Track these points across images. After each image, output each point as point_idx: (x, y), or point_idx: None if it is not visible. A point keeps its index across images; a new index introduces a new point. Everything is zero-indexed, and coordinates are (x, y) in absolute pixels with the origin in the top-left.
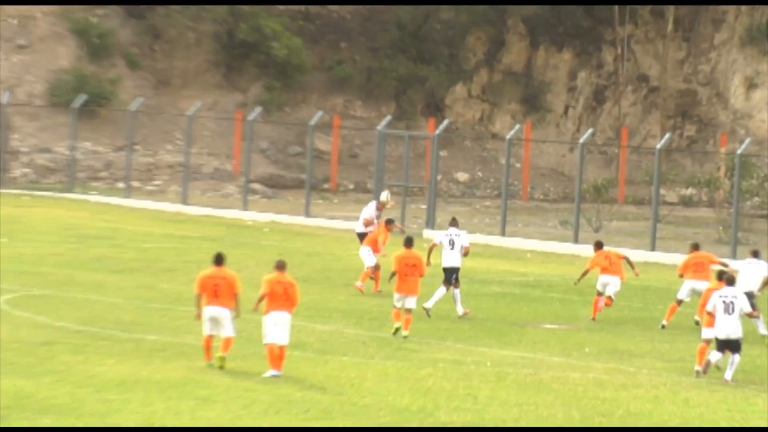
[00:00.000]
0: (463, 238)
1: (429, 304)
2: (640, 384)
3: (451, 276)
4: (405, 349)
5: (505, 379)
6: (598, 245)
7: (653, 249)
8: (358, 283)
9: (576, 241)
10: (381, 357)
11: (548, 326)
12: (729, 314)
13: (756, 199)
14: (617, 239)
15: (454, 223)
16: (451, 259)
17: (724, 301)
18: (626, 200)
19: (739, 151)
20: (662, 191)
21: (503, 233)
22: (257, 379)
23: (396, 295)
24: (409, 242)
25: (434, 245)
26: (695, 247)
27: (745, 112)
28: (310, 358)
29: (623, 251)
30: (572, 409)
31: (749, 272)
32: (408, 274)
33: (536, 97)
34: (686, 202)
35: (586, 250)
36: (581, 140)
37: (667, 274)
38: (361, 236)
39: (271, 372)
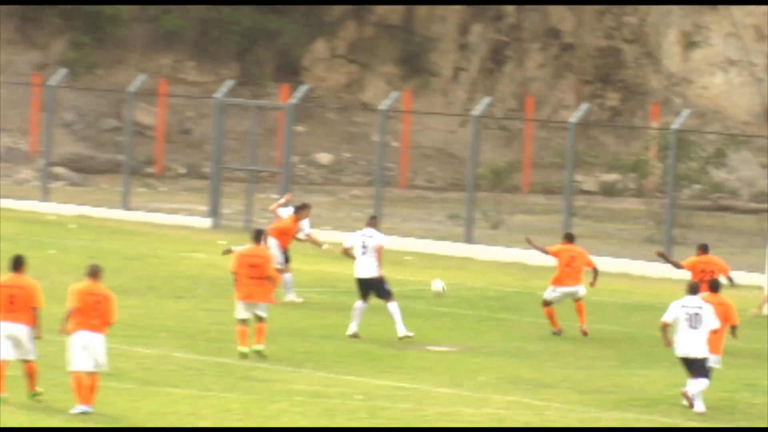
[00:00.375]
0: (377, 238)
1: (353, 329)
2: (549, 421)
3: (365, 289)
4: (251, 378)
5: (378, 415)
6: (568, 238)
7: None
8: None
9: (469, 240)
10: (221, 388)
11: (433, 348)
12: (694, 329)
13: (696, 186)
14: (521, 237)
15: (371, 222)
16: (362, 267)
17: (687, 313)
18: (532, 188)
19: (674, 126)
20: (578, 177)
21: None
22: (62, 417)
23: (240, 304)
24: (257, 236)
25: (346, 249)
26: (703, 249)
27: (681, 76)
28: (129, 391)
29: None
30: None
31: None
32: (251, 276)
33: (418, 58)
34: (608, 191)
35: (481, 252)
36: (475, 112)
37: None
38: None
39: (80, 408)
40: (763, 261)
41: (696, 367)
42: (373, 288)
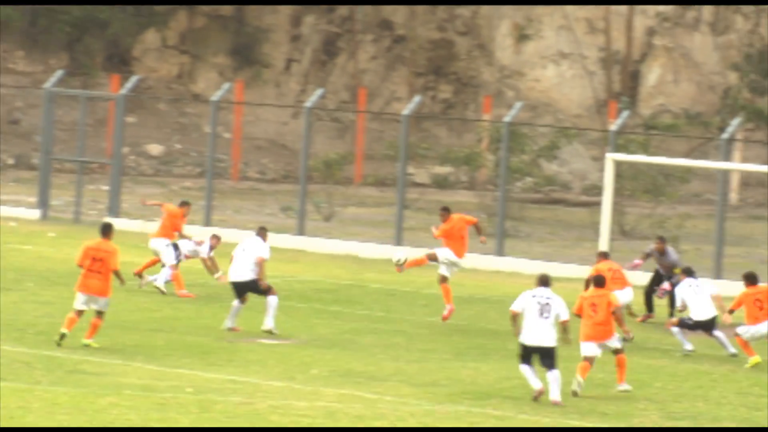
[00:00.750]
0: (260, 248)
1: (228, 324)
2: (381, 414)
3: (241, 292)
4: (81, 371)
5: (210, 409)
6: (447, 210)
7: (399, 243)
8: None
9: (301, 232)
10: (49, 382)
11: (265, 341)
12: (543, 318)
13: (528, 179)
14: (353, 230)
15: (260, 233)
16: (235, 271)
17: (538, 302)
18: (365, 181)
19: (507, 119)
20: (410, 169)
21: (208, 222)
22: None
23: (80, 296)
24: (106, 230)
25: (231, 257)
26: (604, 256)
27: (514, 69)
28: None
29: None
30: None
31: (702, 296)
32: (94, 269)
33: (250, 49)
34: (441, 184)
35: (314, 245)
36: (308, 104)
37: (416, 275)
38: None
39: None
40: (595, 254)
41: (544, 356)
42: (249, 290)
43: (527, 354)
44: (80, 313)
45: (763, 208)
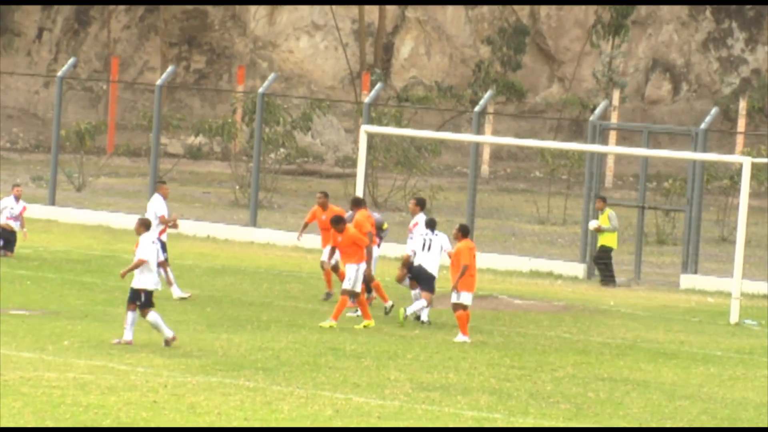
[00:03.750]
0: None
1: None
2: (133, 386)
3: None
4: None
5: None
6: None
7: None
8: None
9: (53, 202)
10: None
11: (15, 312)
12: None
13: (282, 150)
14: (105, 200)
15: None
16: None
17: (157, 249)
18: (117, 151)
19: (261, 90)
20: (164, 140)
21: None
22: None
23: None
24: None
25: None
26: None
27: (268, 40)
28: None
29: None
30: (46, 418)
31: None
32: None
33: (1, 17)
34: (194, 154)
35: (65, 215)
36: (60, 73)
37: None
38: None
39: None
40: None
41: (147, 298)
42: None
43: (135, 297)
44: None
45: (514, 181)
